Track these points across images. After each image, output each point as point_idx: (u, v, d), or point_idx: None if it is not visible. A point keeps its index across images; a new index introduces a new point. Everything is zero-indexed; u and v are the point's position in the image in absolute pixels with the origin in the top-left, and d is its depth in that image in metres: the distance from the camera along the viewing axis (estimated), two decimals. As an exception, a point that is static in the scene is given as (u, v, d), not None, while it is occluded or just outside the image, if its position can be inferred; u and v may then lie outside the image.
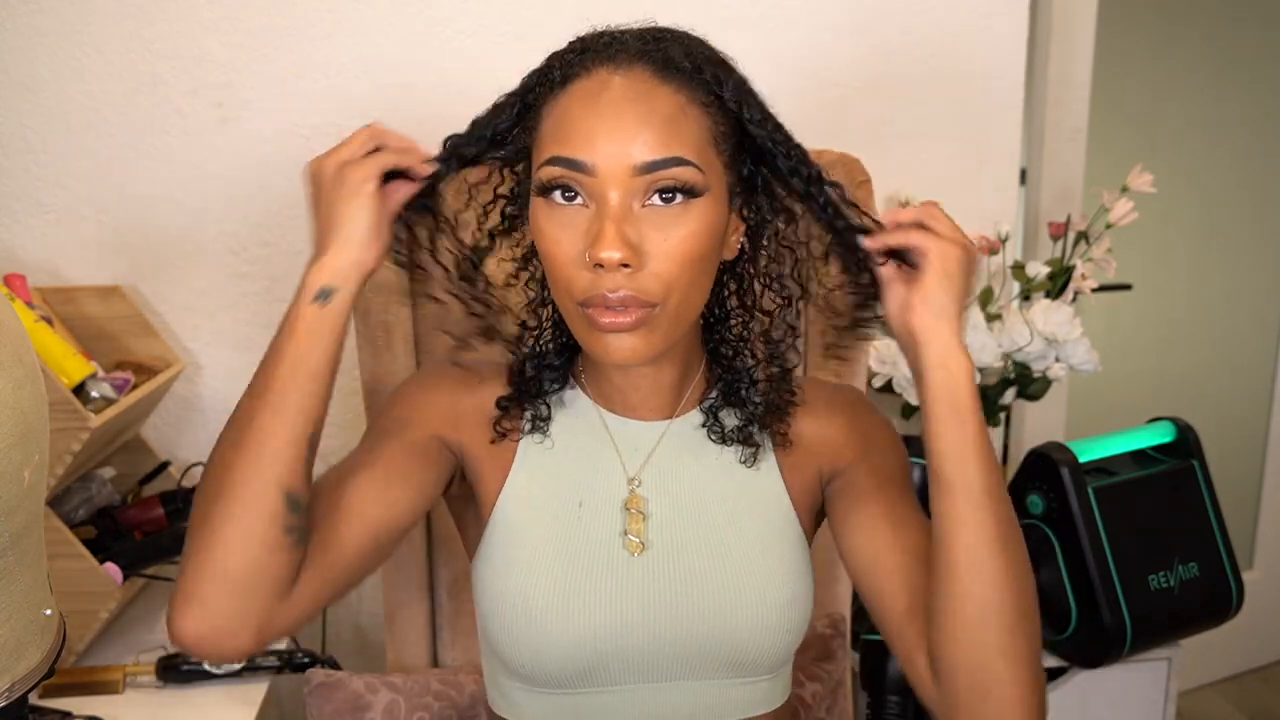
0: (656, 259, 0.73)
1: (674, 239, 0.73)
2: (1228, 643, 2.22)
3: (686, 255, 0.73)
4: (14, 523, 0.58)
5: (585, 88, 0.73)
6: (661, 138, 0.72)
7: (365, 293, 1.13)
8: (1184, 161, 2.15)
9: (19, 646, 0.60)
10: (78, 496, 1.33)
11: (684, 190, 0.73)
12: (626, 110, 0.72)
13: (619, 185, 0.72)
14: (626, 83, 0.73)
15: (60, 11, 1.39)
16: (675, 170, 0.72)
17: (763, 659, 0.83)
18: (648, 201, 0.73)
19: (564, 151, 0.72)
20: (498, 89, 0.76)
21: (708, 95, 0.75)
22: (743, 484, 0.86)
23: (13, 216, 1.44)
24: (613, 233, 0.71)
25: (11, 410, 0.56)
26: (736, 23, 1.51)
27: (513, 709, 0.87)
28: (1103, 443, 1.37)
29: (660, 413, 0.86)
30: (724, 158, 0.76)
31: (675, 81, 0.74)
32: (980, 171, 1.63)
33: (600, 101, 0.72)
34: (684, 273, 0.74)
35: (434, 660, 1.22)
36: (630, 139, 0.71)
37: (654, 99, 0.73)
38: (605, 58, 0.74)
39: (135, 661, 1.19)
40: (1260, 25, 2.17)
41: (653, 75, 0.74)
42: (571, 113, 0.73)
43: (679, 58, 0.74)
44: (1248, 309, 2.30)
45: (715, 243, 0.76)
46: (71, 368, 1.19)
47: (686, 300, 0.76)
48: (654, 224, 0.73)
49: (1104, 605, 1.25)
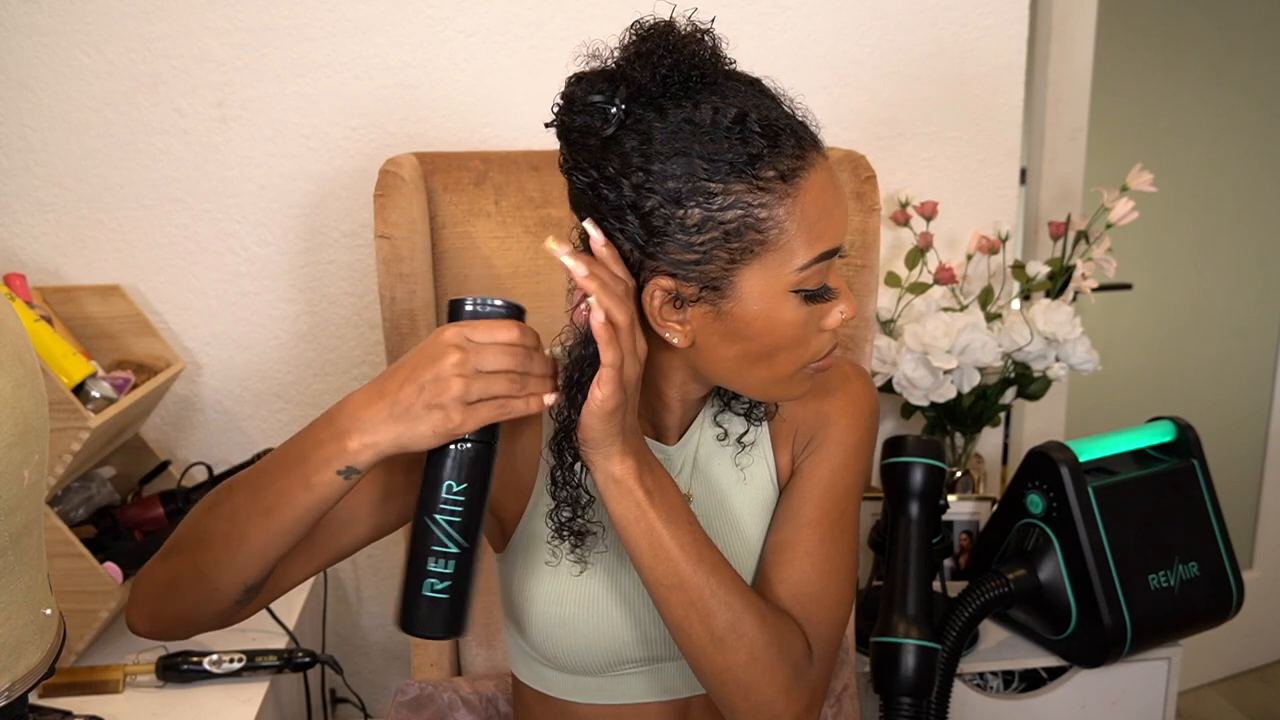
0: None
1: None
2: (1228, 643, 2.22)
3: None
4: (14, 522, 0.58)
5: (816, 180, 0.73)
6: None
7: (390, 279, 1.13)
8: (1184, 161, 2.15)
9: (19, 646, 0.60)
10: (78, 496, 1.33)
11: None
12: (841, 190, 0.77)
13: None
14: (829, 164, 0.76)
15: (60, 11, 1.39)
16: None
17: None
18: None
19: (829, 245, 0.74)
20: (498, 89, 0.76)
21: None
22: (750, 487, 0.89)
23: (13, 216, 1.44)
24: (850, 292, 0.78)
25: (11, 410, 0.56)
26: (738, 23, 1.51)
27: (540, 682, 0.92)
28: (1103, 442, 1.37)
29: (679, 432, 0.88)
30: None
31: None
32: (980, 171, 1.63)
33: (837, 187, 0.75)
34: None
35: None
36: (847, 214, 0.77)
37: (836, 176, 0.77)
38: (802, 141, 0.73)
39: (135, 661, 1.19)
40: (1260, 25, 2.16)
41: (825, 153, 0.77)
42: (821, 208, 0.73)
43: (812, 125, 0.77)
44: (1248, 309, 2.30)
45: None
46: (71, 367, 1.19)
47: None
48: None
49: (1104, 605, 1.25)
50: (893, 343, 1.47)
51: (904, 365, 1.45)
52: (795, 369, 0.78)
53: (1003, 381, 1.55)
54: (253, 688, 1.17)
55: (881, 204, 1.24)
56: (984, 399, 1.54)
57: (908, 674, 1.15)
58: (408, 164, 1.19)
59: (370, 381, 0.71)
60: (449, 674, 1.25)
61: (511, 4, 1.45)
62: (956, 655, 1.24)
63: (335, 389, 1.55)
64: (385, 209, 1.14)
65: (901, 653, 1.15)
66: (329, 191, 1.48)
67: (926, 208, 1.53)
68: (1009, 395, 1.58)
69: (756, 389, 0.79)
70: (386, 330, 1.16)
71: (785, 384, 0.79)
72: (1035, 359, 1.50)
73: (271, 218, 1.48)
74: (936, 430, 1.60)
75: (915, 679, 1.15)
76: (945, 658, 1.22)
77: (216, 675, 1.16)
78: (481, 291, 1.24)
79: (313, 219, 1.49)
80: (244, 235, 1.48)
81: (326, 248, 1.50)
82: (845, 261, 1.23)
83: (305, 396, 1.55)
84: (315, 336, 1.53)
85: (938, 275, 1.51)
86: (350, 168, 1.47)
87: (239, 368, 1.53)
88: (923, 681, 1.15)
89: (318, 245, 1.50)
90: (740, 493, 0.89)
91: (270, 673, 1.19)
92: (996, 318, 1.52)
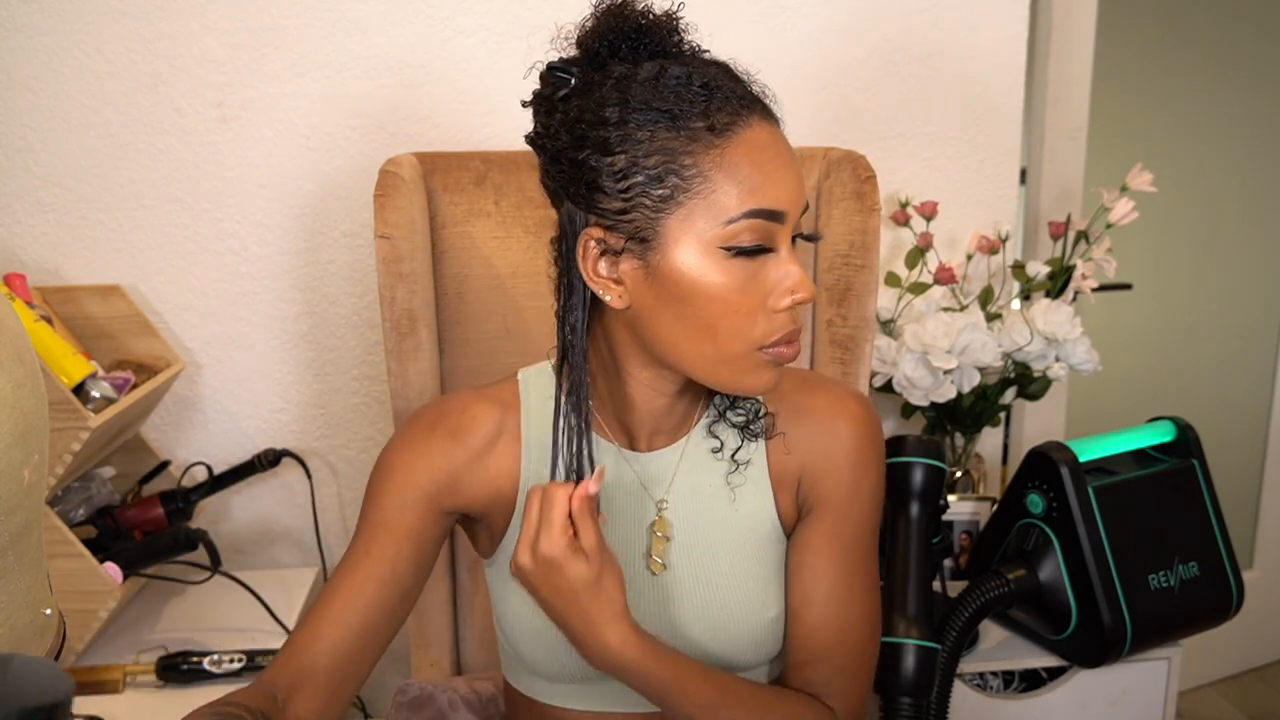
0: None
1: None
2: (1228, 643, 2.23)
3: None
4: (14, 522, 0.58)
5: (754, 139, 0.73)
6: (803, 183, 0.77)
7: (390, 279, 1.14)
8: (1184, 161, 2.15)
9: (19, 646, 0.60)
10: (78, 496, 1.33)
11: (805, 236, 0.79)
12: (793, 160, 0.76)
13: (792, 230, 0.76)
14: (780, 133, 0.76)
15: (60, 11, 1.39)
16: (808, 211, 0.79)
17: (756, 660, 0.88)
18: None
19: (764, 204, 0.73)
20: (498, 89, 0.76)
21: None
22: (740, 507, 0.88)
23: (13, 216, 1.44)
24: (807, 274, 0.76)
25: (11, 410, 0.56)
26: (737, 23, 1.51)
27: (530, 688, 0.92)
28: (1103, 442, 1.37)
29: (672, 437, 0.88)
30: None
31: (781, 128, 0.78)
32: (980, 171, 1.63)
33: (779, 151, 0.75)
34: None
35: (455, 631, 1.27)
36: (799, 187, 0.76)
37: (789, 147, 0.77)
38: (745, 104, 0.74)
39: (135, 661, 1.19)
40: (1259, 25, 2.16)
41: (776, 124, 0.77)
42: (756, 165, 0.73)
43: (774, 106, 0.78)
44: (1248, 309, 2.30)
45: None
46: (71, 367, 1.19)
47: None
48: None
49: (1104, 605, 1.25)
50: (893, 343, 1.47)
51: (904, 365, 1.45)
52: (744, 348, 0.75)
53: (1003, 381, 1.55)
54: (253, 688, 1.17)
55: (881, 204, 1.24)
56: (984, 399, 1.54)
57: (908, 674, 1.15)
58: (408, 164, 1.19)
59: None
60: (449, 674, 1.25)
61: (511, 4, 1.45)
62: (956, 655, 1.24)
63: (335, 389, 1.55)
64: (385, 209, 1.14)
65: (901, 653, 1.15)
66: (329, 191, 1.48)
67: (926, 208, 1.53)
68: (1009, 395, 1.58)
69: (707, 371, 0.77)
70: (386, 330, 1.16)
71: (738, 367, 0.76)
72: (1035, 359, 1.50)
73: (271, 218, 1.48)
74: (936, 430, 1.60)
75: (915, 679, 1.15)
76: (945, 658, 1.22)
77: (216, 675, 1.16)
78: (481, 290, 1.24)
79: (313, 219, 1.49)
80: (244, 235, 1.48)
81: (326, 248, 1.50)
82: (845, 261, 1.23)
83: (305, 396, 1.55)
84: (315, 336, 1.53)
85: (938, 275, 1.51)
86: (350, 168, 1.47)
87: (239, 368, 1.53)
88: (923, 681, 1.15)
89: (318, 245, 1.50)
90: (728, 514, 0.87)
91: (270, 673, 1.19)
92: (996, 318, 1.52)
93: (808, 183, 1.25)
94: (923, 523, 1.22)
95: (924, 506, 1.22)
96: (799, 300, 0.75)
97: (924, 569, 1.20)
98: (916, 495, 1.22)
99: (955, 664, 1.24)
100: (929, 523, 1.22)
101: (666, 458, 0.87)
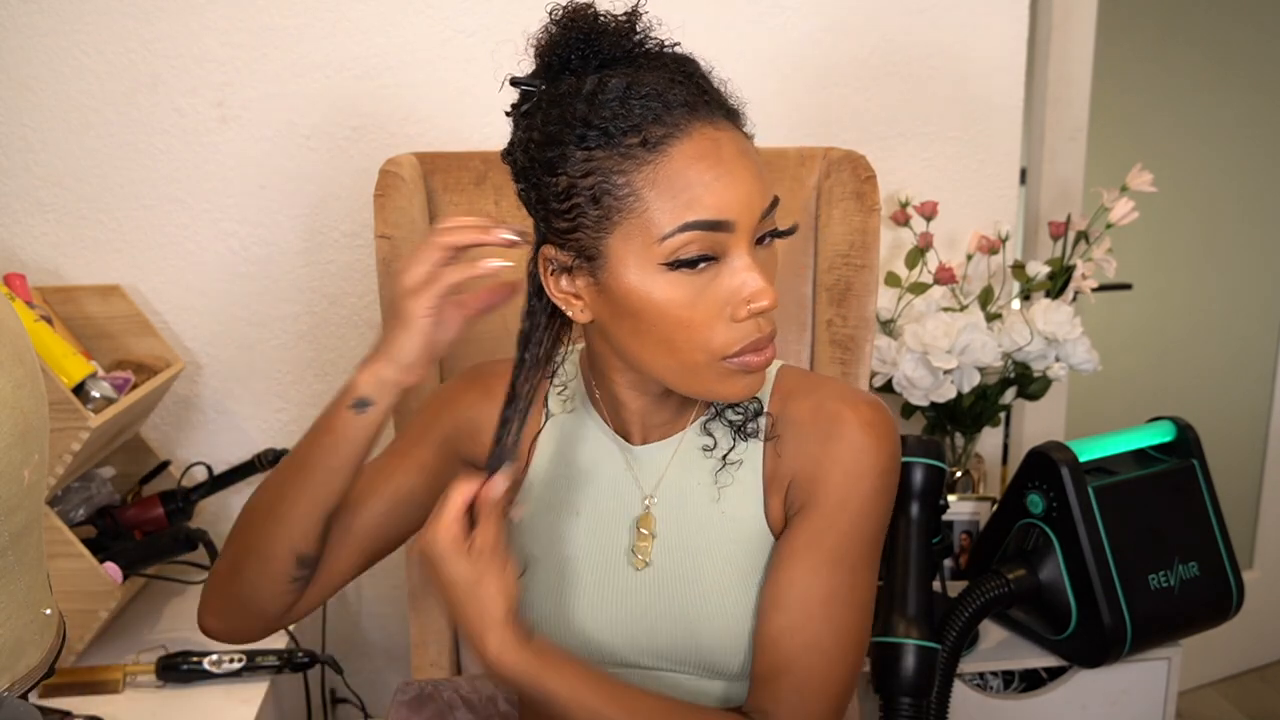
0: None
1: (772, 272, 0.76)
2: (1228, 643, 2.22)
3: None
4: (14, 522, 0.58)
5: (692, 149, 0.70)
6: (767, 185, 0.74)
7: (390, 279, 1.14)
8: (1184, 161, 2.15)
9: (19, 646, 0.60)
10: (78, 496, 1.33)
11: (777, 233, 0.76)
12: (742, 163, 0.72)
13: (749, 236, 0.73)
14: (728, 135, 0.72)
15: (60, 11, 1.39)
16: (774, 212, 0.75)
17: (740, 667, 0.85)
18: (754, 245, 0.74)
19: (700, 217, 0.70)
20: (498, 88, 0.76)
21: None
22: (728, 508, 0.86)
23: (13, 216, 1.44)
24: (766, 281, 0.72)
25: (11, 410, 0.56)
26: (737, 23, 1.51)
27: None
28: (1103, 442, 1.37)
29: (667, 432, 0.87)
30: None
31: (741, 126, 0.76)
32: (980, 171, 1.63)
33: (722, 157, 0.71)
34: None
35: (455, 630, 1.27)
36: (751, 190, 0.72)
37: (748, 146, 0.74)
38: (687, 113, 0.71)
39: (135, 661, 1.19)
40: (1259, 25, 2.16)
41: (733, 124, 0.74)
42: (694, 177, 0.70)
43: (732, 102, 0.76)
44: (1248, 309, 2.30)
45: None
46: (71, 367, 1.19)
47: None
48: (761, 262, 0.75)
49: (1104, 605, 1.25)
50: (893, 343, 1.47)
51: (904, 365, 1.45)
52: (705, 359, 0.74)
53: (1003, 381, 1.55)
54: (252, 688, 1.17)
55: (881, 204, 1.24)
56: (984, 399, 1.54)
57: (908, 674, 1.15)
58: (408, 164, 1.19)
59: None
60: (449, 674, 1.25)
61: (511, 4, 1.45)
62: (956, 655, 1.24)
63: (335, 389, 1.54)
64: (385, 209, 1.14)
65: (901, 653, 1.15)
66: (329, 191, 1.48)
67: (926, 208, 1.53)
68: (1009, 395, 1.58)
69: (677, 381, 0.76)
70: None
71: (705, 377, 0.75)
72: (1035, 359, 1.50)
73: (271, 218, 1.48)
74: (936, 430, 1.60)
75: (915, 679, 1.15)
76: (945, 658, 1.22)
77: (216, 675, 1.16)
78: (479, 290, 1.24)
79: (313, 219, 1.49)
80: (244, 235, 1.48)
81: (326, 248, 1.50)
82: (845, 261, 1.23)
83: (305, 396, 1.55)
84: (315, 336, 1.53)
85: (938, 275, 1.51)
86: (350, 168, 1.47)
87: (239, 368, 1.53)
88: (923, 681, 1.15)
89: (318, 245, 1.50)
90: (711, 513, 0.85)
91: (270, 673, 1.19)
92: (996, 318, 1.52)
93: (808, 183, 1.25)
94: (923, 523, 1.22)
95: (924, 506, 1.22)
96: (757, 310, 0.72)
97: (924, 569, 1.20)
98: (916, 495, 1.22)
99: (955, 664, 1.24)
100: (929, 523, 1.23)
101: (659, 453, 0.86)
